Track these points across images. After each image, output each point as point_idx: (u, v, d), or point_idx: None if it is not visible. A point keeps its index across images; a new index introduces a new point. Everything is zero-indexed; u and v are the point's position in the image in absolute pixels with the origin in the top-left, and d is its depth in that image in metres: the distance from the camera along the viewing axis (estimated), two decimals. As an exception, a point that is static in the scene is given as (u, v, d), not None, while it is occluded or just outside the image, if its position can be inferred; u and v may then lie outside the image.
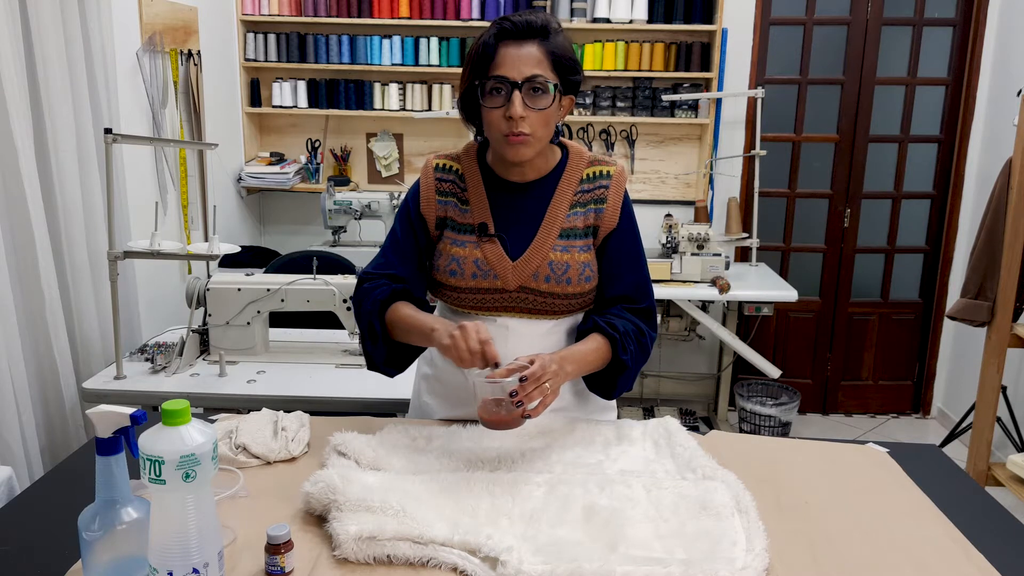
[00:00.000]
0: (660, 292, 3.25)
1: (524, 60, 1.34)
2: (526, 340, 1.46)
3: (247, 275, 2.35)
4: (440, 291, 1.51)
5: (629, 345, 1.45)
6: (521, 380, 1.26)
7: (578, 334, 1.50)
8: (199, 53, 3.37)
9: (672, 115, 3.89)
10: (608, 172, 1.49)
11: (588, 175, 1.49)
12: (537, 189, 1.48)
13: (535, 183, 1.48)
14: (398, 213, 1.54)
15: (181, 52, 3.21)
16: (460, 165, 1.51)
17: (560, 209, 1.47)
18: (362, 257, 3.34)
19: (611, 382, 1.49)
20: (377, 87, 3.93)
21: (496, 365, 1.28)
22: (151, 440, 0.92)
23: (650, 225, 3.75)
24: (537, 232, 1.45)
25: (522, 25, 1.34)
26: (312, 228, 4.23)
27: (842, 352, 4.21)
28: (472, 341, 1.28)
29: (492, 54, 1.34)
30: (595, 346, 1.43)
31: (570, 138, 3.91)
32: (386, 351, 1.50)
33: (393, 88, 3.92)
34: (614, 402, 1.63)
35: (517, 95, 1.34)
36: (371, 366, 1.54)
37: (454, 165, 1.52)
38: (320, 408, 2.00)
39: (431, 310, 1.53)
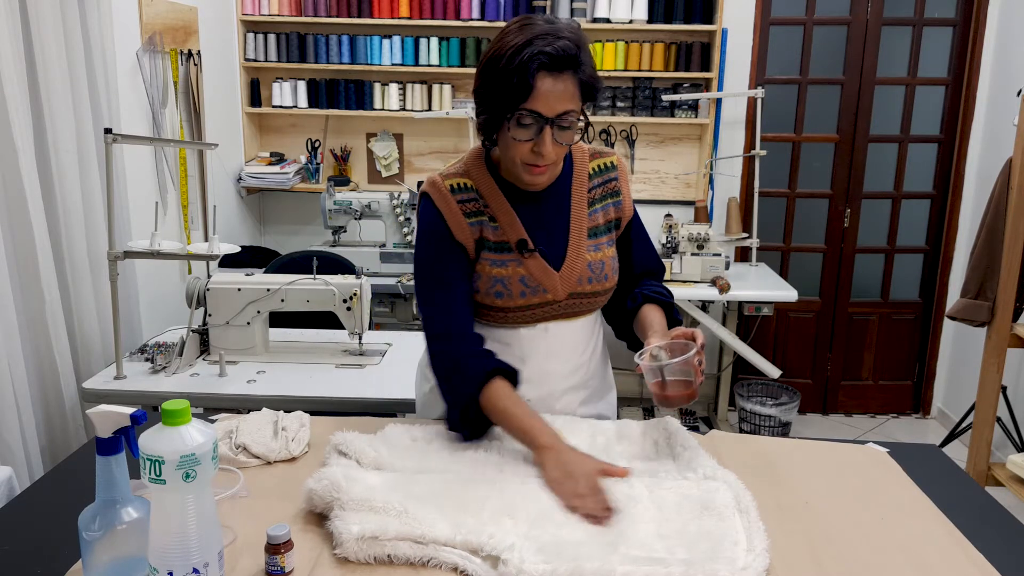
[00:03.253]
0: (660, 292, 3.24)
1: (558, 96, 1.28)
2: (562, 340, 1.50)
3: (247, 275, 2.35)
4: (484, 312, 1.46)
5: (675, 307, 1.56)
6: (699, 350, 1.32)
7: (626, 312, 1.56)
8: (199, 53, 3.37)
9: (672, 115, 3.89)
10: (612, 163, 1.54)
11: (594, 169, 1.52)
12: (552, 191, 1.48)
13: (549, 187, 1.47)
14: (428, 253, 1.44)
15: (181, 52, 3.21)
16: (472, 180, 1.45)
17: (581, 210, 1.48)
18: (362, 257, 3.35)
19: None
20: (377, 87, 3.93)
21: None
22: (151, 440, 0.92)
23: (650, 225, 3.70)
24: (569, 237, 1.47)
25: (561, 55, 1.27)
26: (312, 228, 4.23)
27: (842, 352, 4.21)
28: (596, 508, 1.17)
29: (530, 84, 1.26)
30: (660, 316, 1.50)
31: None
32: (471, 430, 1.40)
33: (393, 88, 3.92)
34: (614, 397, 1.66)
35: (548, 132, 1.31)
36: (450, 428, 1.43)
37: (467, 182, 1.44)
38: (320, 408, 2.00)
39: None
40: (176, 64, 3.17)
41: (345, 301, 2.27)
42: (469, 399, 1.36)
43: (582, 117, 1.35)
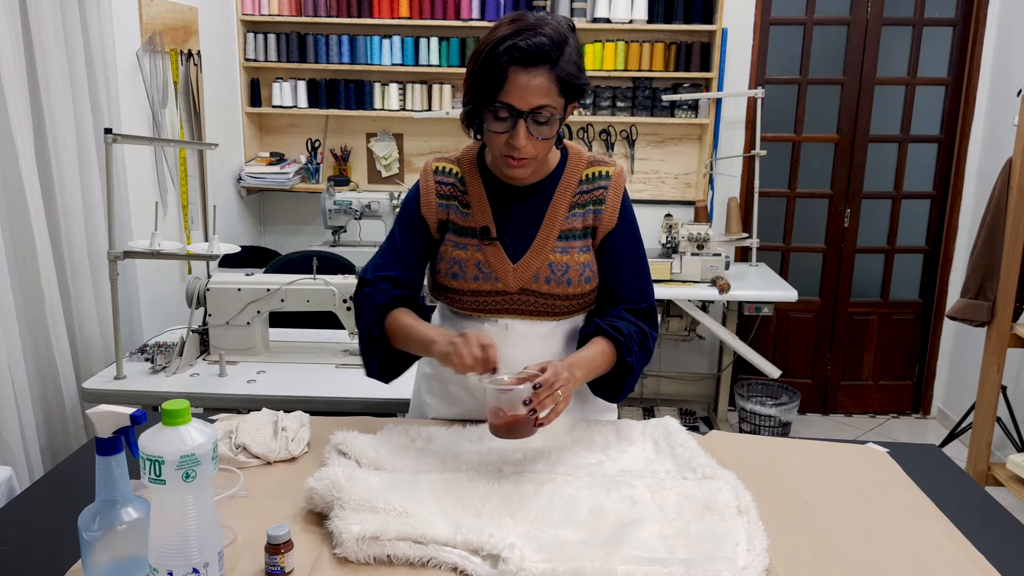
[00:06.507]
0: (660, 292, 3.25)
1: (532, 90, 1.30)
2: (527, 341, 1.46)
3: (247, 275, 2.35)
4: (442, 293, 1.51)
5: (633, 347, 1.44)
6: (535, 387, 1.24)
7: (580, 338, 1.49)
8: (199, 53, 3.37)
9: (672, 115, 3.89)
10: (607, 173, 1.49)
11: (587, 176, 1.49)
12: (537, 191, 1.48)
13: (535, 185, 1.48)
14: (398, 216, 1.53)
15: (181, 52, 3.21)
16: (459, 168, 1.51)
17: (559, 211, 1.46)
18: (363, 257, 3.33)
19: (617, 385, 1.48)
20: (377, 87, 3.93)
21: (494, 370, 1.27)
22: (151, 440, 0.92)
23: (650, 225, 3.75)
24: (537, 234, 1.45)
25: (533, 50, 1.28)
26: (312, 228, 4.23)
27: (842, 352, 4.21)
28: (474, 347, 1.27)
29: (502, 78, 1.30)
30: (601, 350, 1.42)
31: (570, 138, 3.91)
32: (382, 358, 1.49)
33: (393, 88, 3.92)
34: (611, 417, 1.63)
35: (522, 125, 1.32)
36: (368, 372, 1.54)
37: (453, 168, 1.51)
38: (320, 408, 2.00)
39: (430, 314, 1.52)
40: (176, 64, 3.17)
41: (345, 301, 2.27)
42: (370, 322, 1.46)
43: (562, 117, 1.35)
